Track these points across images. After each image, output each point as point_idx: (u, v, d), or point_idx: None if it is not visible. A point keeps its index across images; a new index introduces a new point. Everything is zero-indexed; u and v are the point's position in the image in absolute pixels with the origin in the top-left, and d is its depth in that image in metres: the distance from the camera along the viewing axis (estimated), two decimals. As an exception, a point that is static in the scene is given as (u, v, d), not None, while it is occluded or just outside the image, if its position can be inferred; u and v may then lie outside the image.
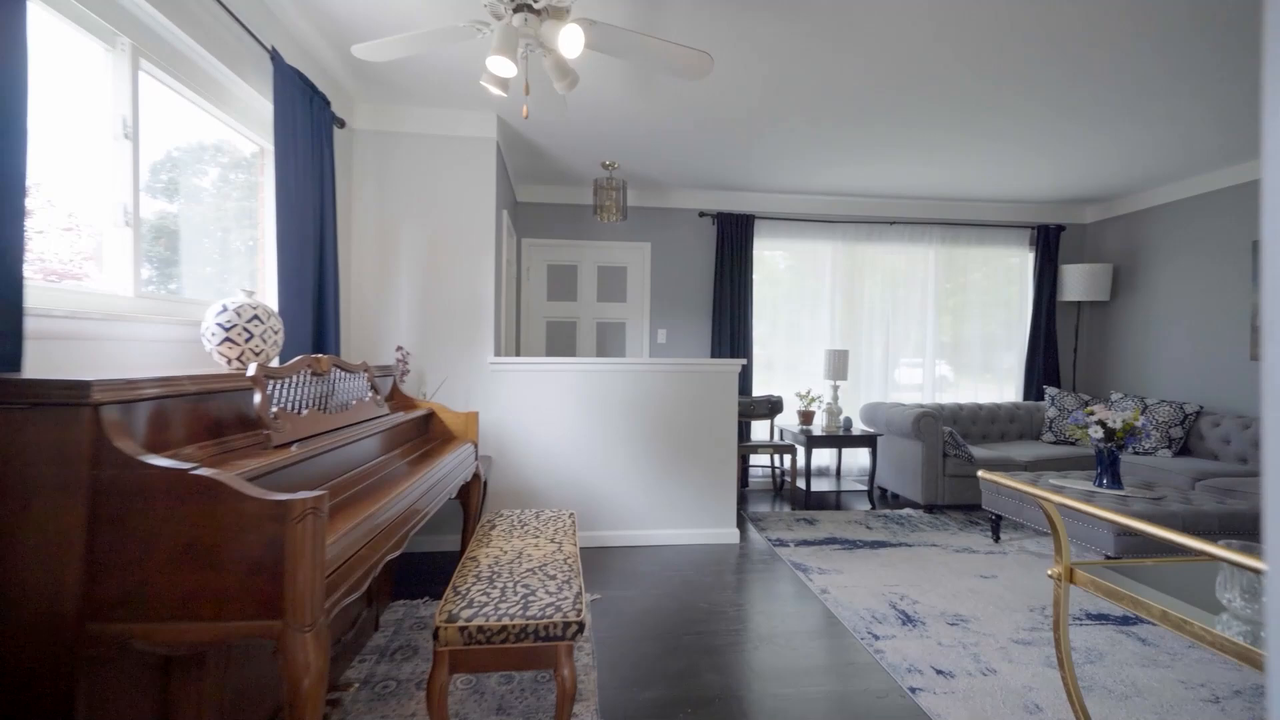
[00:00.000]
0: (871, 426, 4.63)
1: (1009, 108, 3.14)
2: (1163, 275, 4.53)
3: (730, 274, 4.80)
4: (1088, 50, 2.57)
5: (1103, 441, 2.95)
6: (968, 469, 4.04)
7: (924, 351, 5.10)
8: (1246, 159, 3.88)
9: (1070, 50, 2.56)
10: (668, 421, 3.38)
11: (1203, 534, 2.66)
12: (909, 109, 3.17)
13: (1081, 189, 4.65)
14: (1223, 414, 4.00)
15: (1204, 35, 2.45)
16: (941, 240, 5.06)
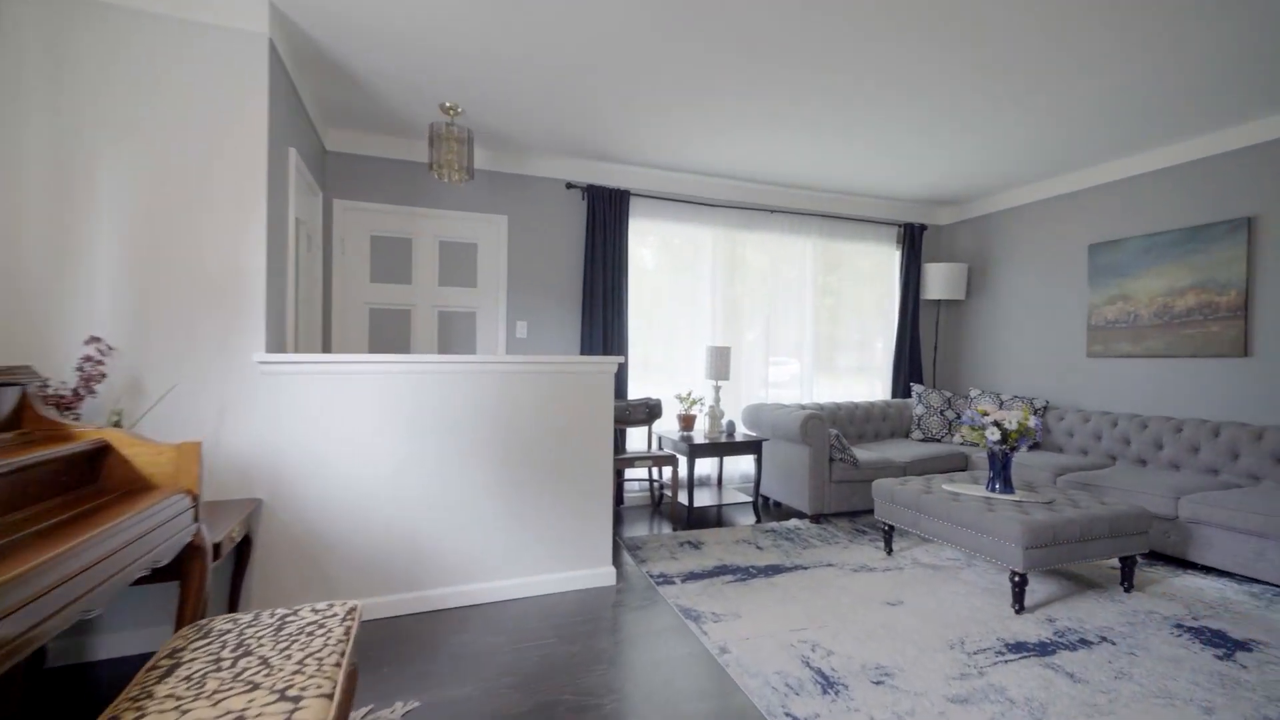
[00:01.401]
0: (755, 430, 4.26)
1: (873, 100, 2.85)
2: (1010, 276, 4.73)
3: (604, 258, 4.13)
4: (937, 52, 2.32)
5: (998, 444, 2.76)
6: (853, 474, 3.79)
7: (801, 348, 4.88)
8: (1082, 167, 4.10)
9: (920, 50, 2.28)
10: (527, 436, 2.61)
11: (1098, 538, 2.53)
12: (776, 89, 2.75)
13: (939, 190, 4.71)
14: (1066, 408, 4.21)
15: (1046, 50, 2.33)
16: (820, 233, 4.88)
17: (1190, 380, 3.56)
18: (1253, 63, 2.64)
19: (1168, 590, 2.68)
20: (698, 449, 3.72)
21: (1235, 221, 3.35)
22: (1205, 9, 2.28)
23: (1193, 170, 3.57)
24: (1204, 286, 3.49)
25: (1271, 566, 2.61)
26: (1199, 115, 3.22)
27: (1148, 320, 3.77)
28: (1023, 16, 2.36)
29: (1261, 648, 2.15)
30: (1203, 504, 2.82)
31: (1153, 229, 3.77)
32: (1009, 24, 2.41)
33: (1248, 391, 3.30)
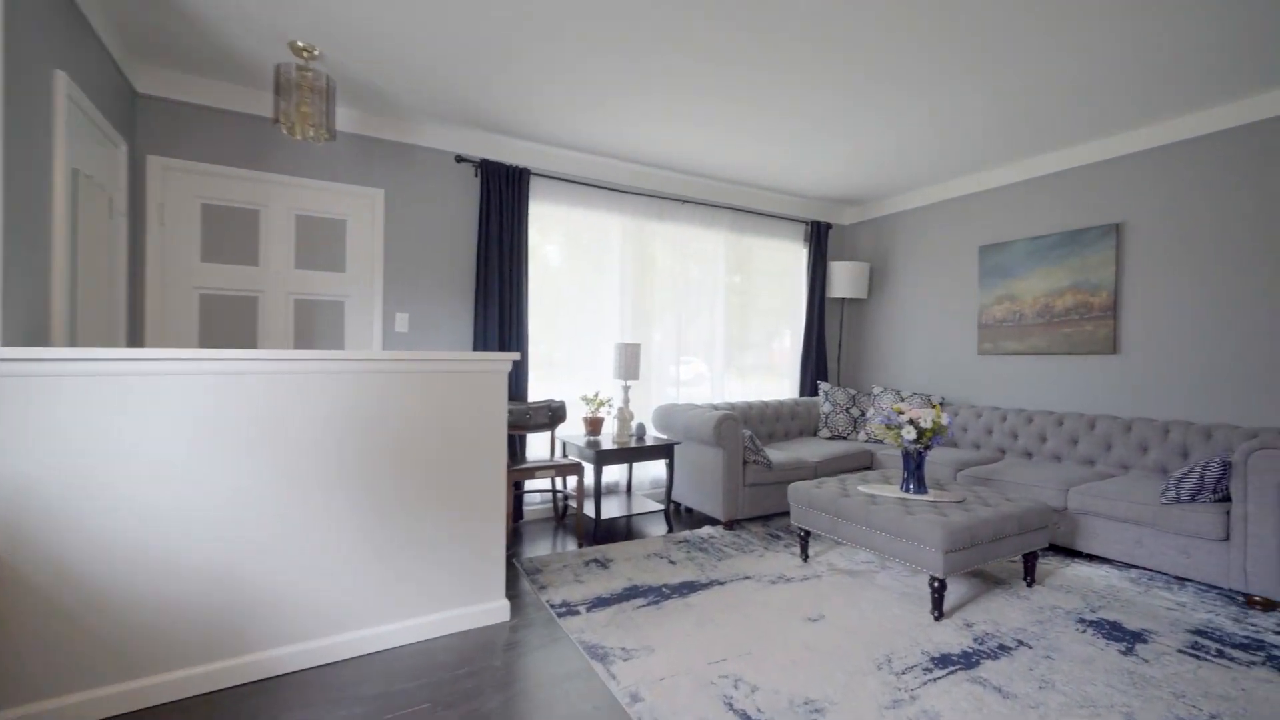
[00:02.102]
0: (666, 433, 4.01)
1: (768, 94, 2.71)
2: (908, 276, 4.87)
3: (501, 243, 3.68)
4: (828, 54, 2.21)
5: (913, 443, 2.69)
6: (766, 476, 3.65)
7: (712, 346, 4.71)
8: (974, 172, 4.27)
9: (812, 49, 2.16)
10: (402, 448, 2.14)
11: (1008, 536, 2.51)
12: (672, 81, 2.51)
13: (843, 189, 4.75)
14: (960, 404, 4.37)
15: (938, 53, 2.31)
16: (730, 227, 4.74)
17: (1069, 376, 3.79)
18: (1118, 78, 2.78)
19: (1063, 582, 2.74)
20: (605, 455, 3.38)
21: (1106, 227, 3.59)
22: (1079, 25, 2.31)
23: (1070, 178, 3.80)
24: (1080, 288, 3.72)
25: (1148, 553, 2.74)
26: (1075, 125, 3.40)
27: (1031, 319, 3.97)
28: (899, 32, 2.28)
29: (1154, 637, 2.20)
30: (1088, 495, 2.93)
31: (1036, 232, 3.98)
32: (889, 37, 2.31)
33: (1117, 386, 3.55)
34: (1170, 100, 3.05)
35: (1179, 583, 2.71)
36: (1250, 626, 2.29)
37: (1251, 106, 3.00)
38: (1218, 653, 2.08)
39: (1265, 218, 2.99)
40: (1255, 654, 2.08)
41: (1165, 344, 3.35)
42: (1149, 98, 3.02)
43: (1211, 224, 3.18)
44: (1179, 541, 2.64)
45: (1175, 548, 2.66)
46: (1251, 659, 2.05)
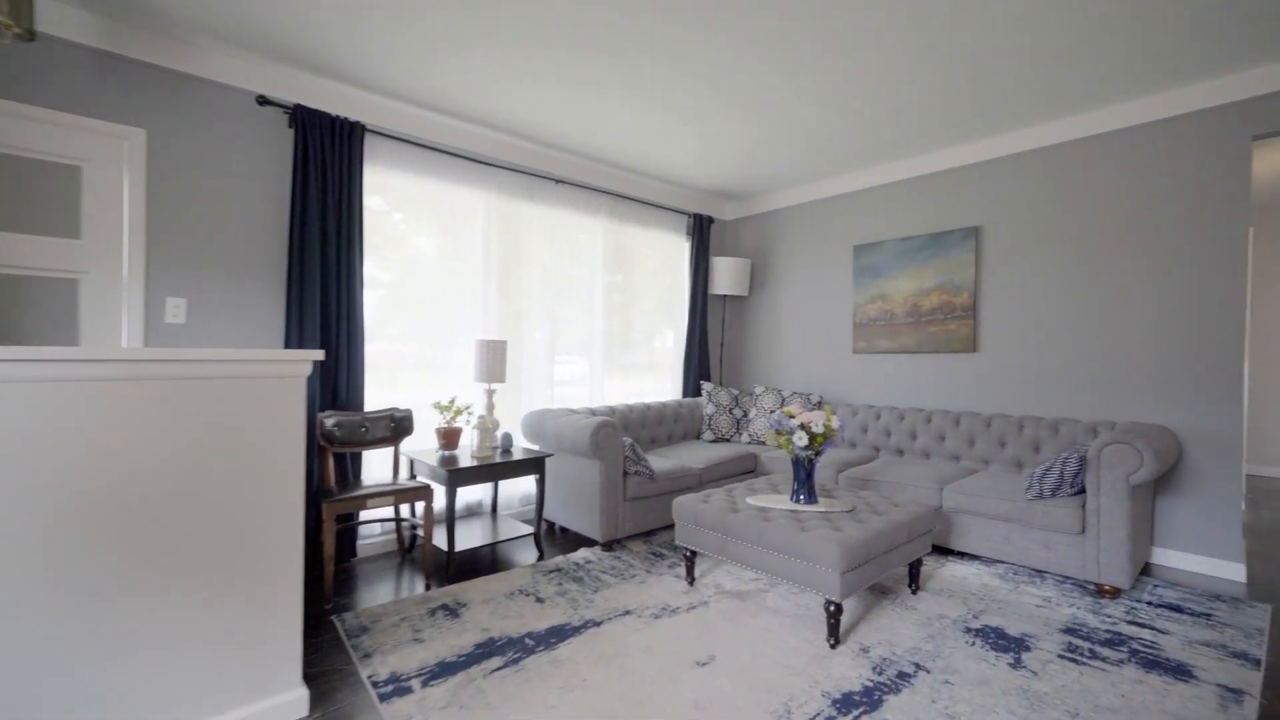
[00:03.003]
0: (538, 443, 3.51)
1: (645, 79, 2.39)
2: (788, 273, 4.83)
3: (325, 214, 2.93)
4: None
5: (804, 449, 2.47)
6: (649, 488, 3.30)
7: (591, 343, 4.29)
8: (848, 171, 4.29)
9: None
10: (150, 486, 1.43)
11: (899, 545, 2.37)
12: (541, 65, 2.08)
13: (725, 183, 4.58)
14: (837, 403, 4.37)
15: (818, 50, 2.18)
16: (611, 214, 4.34)
17: (936, 374, 3.90)
18: (972, 89, 2.82)
19: (943, 584, 2.70)
20: (459, 475, 2.81)
21: (967, 230, 3.72)
22: (932, 35, 2.24)
23: (935, 182, 3.91)
24: (944, 288, 3.83)
25: (1015, 549, 2.79)
26: (937, 131, 3.46)
27: (902, 318, 4.05)
28: (746, 47, 2.05)
29: (1034, 642, 2.16)
30: (961, 493, 2.95)
31: (905, 233, 4.07)
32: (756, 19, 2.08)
33: (978, 383, 3.69)
34: (1018, 112, 3.18)
35: (1040, 576, 2.79)
36: (1107, 618, 2.35)
37: (1091, 121, 3.21)
38: (1090, 653, 2.07)
39: (1104, 224, 3.22)
40: (1120, 650, 2.10)
41: (1017, 343, 3.52)
42: (999, 108, 3.12)
43: (1056, 229, 3.38)
44: (1041, 536, 2.71)
45: (1038, 542, 2.72)
46: (1119, 656, 2.06)
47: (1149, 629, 2.26)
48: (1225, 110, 2.84)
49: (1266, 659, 2.07)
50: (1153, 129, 3.05)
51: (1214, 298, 2.87)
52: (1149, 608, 2.46)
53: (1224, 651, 2.09)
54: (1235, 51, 2.60)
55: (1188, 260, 2.94)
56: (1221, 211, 2.85)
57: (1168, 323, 3.00)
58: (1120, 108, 3.11)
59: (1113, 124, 3.15)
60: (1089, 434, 3.08)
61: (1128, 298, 3.13)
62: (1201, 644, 2.15)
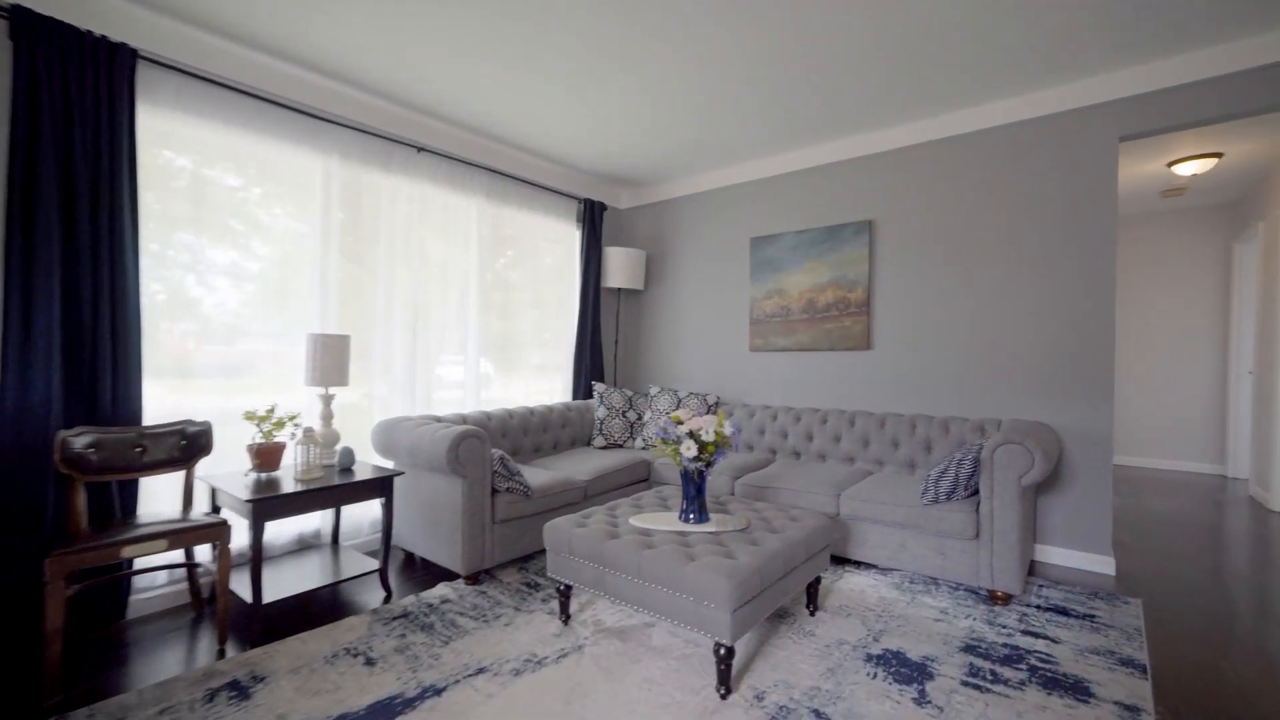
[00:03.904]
0: (389, 458, 2.93)
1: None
2: (685, 266, 4.56)
3: (71, 162, 2.18)
4: None
5: (694, 460, 2.13)
6: (524, 507, 2.83)
7: (466, 340, 3.74)
8: (745, 160, 4.08)
9: None
10: None
11: (797, 566, 2.10)
12: None
13: (618, 167, 4.23)
14: (734, 403, 4.15)
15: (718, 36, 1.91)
16: (489, 193, 3.82)
17: (831, 372, 3.77)
18: (861, 77, 2.68)
19: (841, 600, 2.49)
20: (268, 505, 2.18)
21: (860, 224, 3.62)
22: (821, 18, 2.05)
23: (830, 173, 3.78)
24: (839, 283, 3.71)
25: (911, 556, 2.65)
26: (832, 121, 3.32)
27: (798, 314, 3.89)
28: None
29: (936, 668, 1.97)
30: (858, 500, 2.77)
31: (801, 226, 3.92)
32: None
33: (872, 382, 3.60)
34: (906, 104, 3.09)
35: (935, 584, 2.67)
36: (1002, 630, 2.23)
37: (975, 116, 3.19)
38: (992, 676, 1.91)
39: (987, 221, 3.20)
40: (1019, 668, 1.96)
41: (909, 340, 3.46)
42: (888, 100, 3.01)
43: (943, 225, 3.35)
44: (936, 542, 2.58)
45: (933, 549, 2.59)
46: (1019, 676, 1.91)
47: (1042, 638, 2.17)
48: (1095, 110, 2.89)
49: (1151, 663, 2.02)
50: (1031, 126, 3.06)
51: (1087, 295, 2.91)
52: (1038, 612, 2.38)
53: (1113, 659, 2.02)
54: (1103, 53, 2.62)
55: (1064, 258, 2.98)
56: (1093, 210, 2.90)
57: (1046, 320, 3.02)
58: (1002, 104, 3.10)
59: (994, 120, 3.14)
60: (977, 432, 3.04)
61: (1010, 295, 3.13)
62: (1091, 652, 2.07)
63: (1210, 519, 3.88)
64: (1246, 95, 2.54)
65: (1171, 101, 2.70)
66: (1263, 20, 2.37)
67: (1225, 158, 4.06)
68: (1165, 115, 2.72)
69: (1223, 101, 2.59)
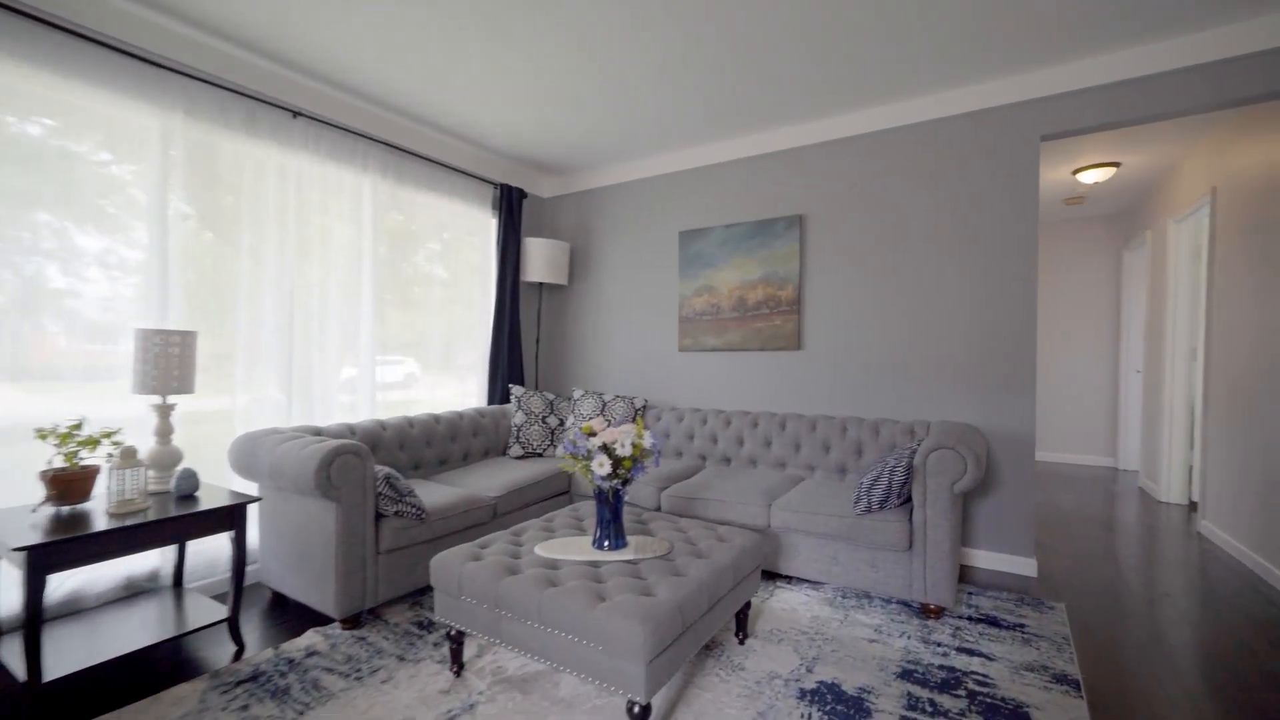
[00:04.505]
0: (250, 477, 2.44)
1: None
2: (612, 261, 4.27)
3: None
4: None
5: (608, 478, 1.84)
6: (417, 532, 2.44)
7: (357, 338, 3.26)
8: (675, 149, 3.85)
9: None
10: None
11: (725, 594, 1.85)
12: None
13: (540, 151, 3.88)
14: (663, 407, 3.91)
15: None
16: (386, 172, 3.35)
17: (763, 373, 3.61)
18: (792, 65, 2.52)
19: (773, 623, 2.28)
20: (52, 553, 1.68)
21: (791, 218, 3.47)
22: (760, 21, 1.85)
23: (760, 165, 3.62)
24: (770, 280, 3.55)
25: (843, 570, 2.50)
26: (762, 110, 3.15)
27: (728, 313, 3.71)
28: None
29: (874, 701, 1.79)
30: (789, 510, 2.59)
31: (731, 220, 3.73)
32: None
33: (803, 383, 3.46)
34: (838, 94, 2.97)
35: (868, 599, 2.53)
36: (938, 650, 2.10)
37: (904, 110, 3.11)
38: (931, 708, 1.75)
39: (915, 218, 3.13)
40: (958, 695, 1.82)
41: (839, 339, 3.34)
42: (821, 91, 2.87)
43: (872, 221, 3.25)
44: (869, 555, 2.44)
45: (866, 561, 2.44)
46: (958, 705, 1.76)
47: (977, 656, 2.05)
48: (1019, 108, 2.86)
49: (1083, 678, 1.94)
50: (957, 122, 3.01)
51: (1010, 295, 2.89)
52: (971, 625, 2.28)
53: (1047, 676, 1.92)
54: (1027, 50, 2.58)
55: (988, 257, 2.94)
56: (1015, 210, 2.87)
57: (971, 320, 2.98)
58: (930, 98, 3.03)
59: (923, 115, 3.07)
60: (907, 435, 2.95)
61: (937, 294, 3.07)
62: (1026, 669, 1.96)
63: (1110, 512, 4.06)
64: (1164, 98, 2.57)
65: (1091, 102, 2.70)
66: (1183, 24, 2.38)
67: (1122, 168, 4.27)
68: (1085, 116, 2.72)
69: (1140, 104, 2.61)
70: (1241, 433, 3.11)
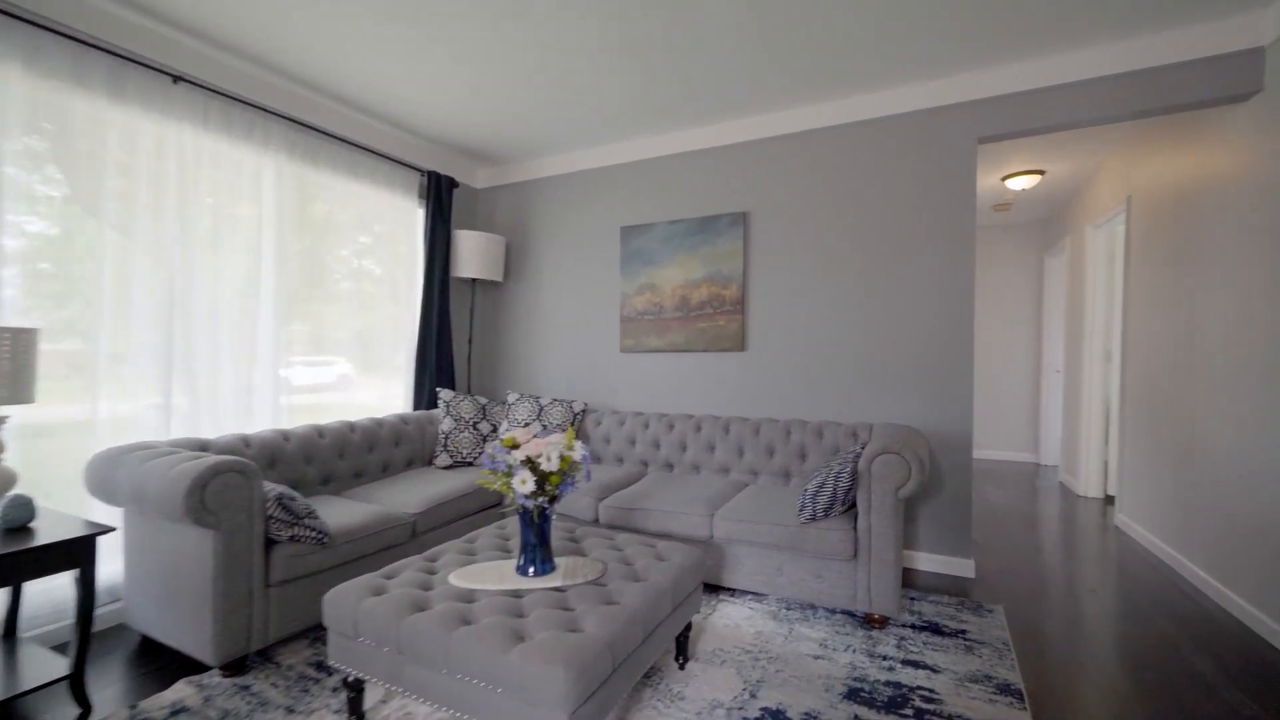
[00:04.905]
0: (112, 502, 2.07)
1: None
2: (551, 257, 4.05)
3: None
4: None
5: (532, 495, 1.64)
6: (318, 560, 2.14)
7: (260, 337, 2.90)
8: (618, 140, 3.68)
9: None
10: None
11: (663, 620, 1.69)
12: None
13: (473, 136, 3.61)
14: (603, 410, 3.72)
15: None
16: (293, 150, 3.00)
17: (706, 375, 3.49)
18: (737, 57, 2.41)
19: (715, 642, 2.14)
20: None
21: (735, 215, 3.37)
22: None
23: (703, 159, 3.49)
24: (713, 279, 3.44)
25: (788, 581, 2.39)
26: (706, 102, 3.03)
27: (671, 312, 3.56)
28: None
29: (820, 725, 1.67)
30: (732, 519, 2.47)
31: (674, 215, 3.59)
32: None
33: (747, 385, 3.36)
34: (787, 89, 2.88)
35: (813, 611, 2.44)
36: (884, 664, 2.02)
37: (856, 105, 3.06)
38: (879, 730, 1.65)
39: (857, 218, 3.08)
40: (905, 714, 1.73)
41: (783, 340, 3.27)
42: (767, 85, 2.78)
43: (814, 220, 3.19)
44: (814, 565, 2.34)
45: (811, 572, 2.35)
46: (906, 725, 1.67)
47: (923, 668, 1.98)
48: (958, 109, 2.86)
49: (1026, 688, 1.91)
50: (899, 121, 2.99)
51: (949, 295, 2.88)
52: (914, 634, 2.23)
53: (991, 687, 1.87)
54: (967, 51, 2.57)
55: (928, 257, 2.93)
56: (954, 211, 2.87)
57: (912, 320, 2.96)
58: (874, 96, 2.99)
59: (867, 113, 3.03)
60: (851, 438, 2.90)
61: (879, 293, 3.04)
62: (970, 680, 1.91)
63: (1035, 508, 4.20)
64: (1091, 105, 2.61)
65: (1025, 106, 2.73)
66: (1119, 29, 2.42)
67: (1047, 175, 4.44)
68: (1019, 119, 2.74)
69: (1069, 109, 2.65)
70: (1155, 430, 3.25)
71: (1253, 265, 2.42)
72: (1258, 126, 2.41)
